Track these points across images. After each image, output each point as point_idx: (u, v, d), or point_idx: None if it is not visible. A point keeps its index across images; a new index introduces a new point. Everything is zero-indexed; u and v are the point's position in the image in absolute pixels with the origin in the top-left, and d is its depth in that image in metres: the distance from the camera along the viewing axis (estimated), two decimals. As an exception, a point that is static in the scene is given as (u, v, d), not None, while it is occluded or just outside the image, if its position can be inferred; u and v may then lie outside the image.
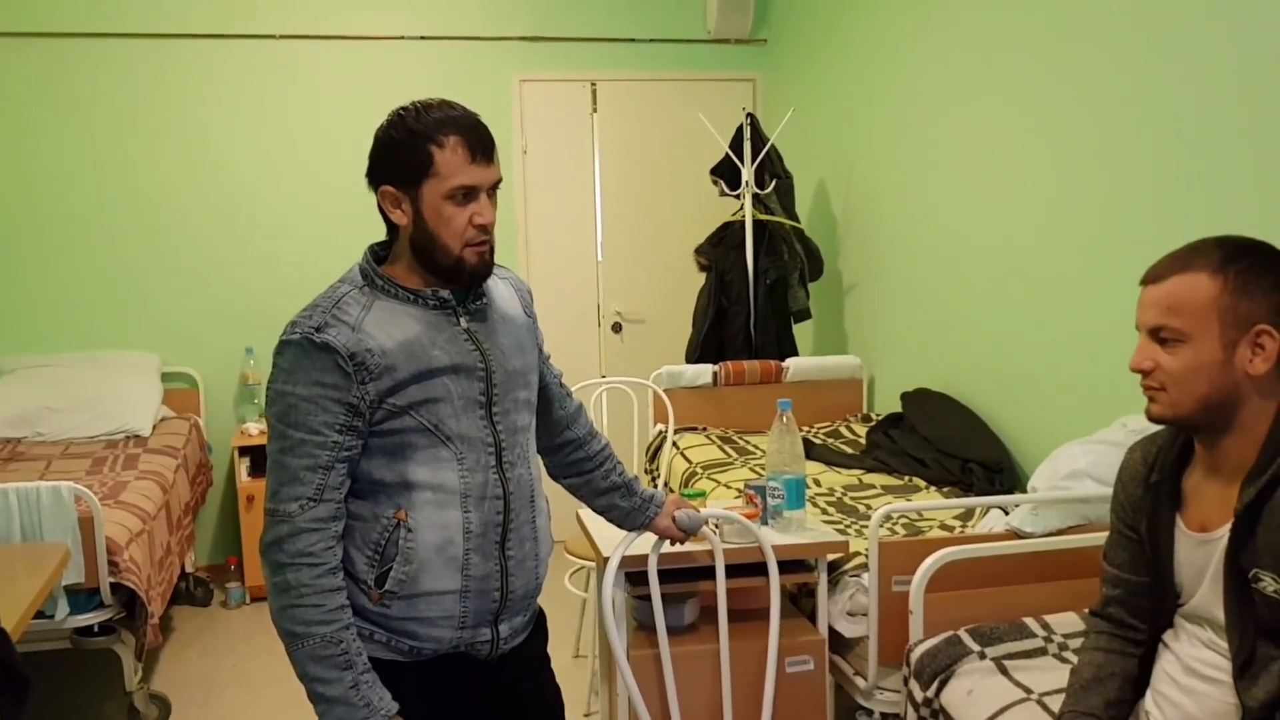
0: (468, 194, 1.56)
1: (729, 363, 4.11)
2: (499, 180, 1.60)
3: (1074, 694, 1.68)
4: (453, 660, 1.65)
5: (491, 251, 1.61)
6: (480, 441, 1.61)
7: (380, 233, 1.68)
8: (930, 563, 2.21)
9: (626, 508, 1.96)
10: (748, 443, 3.86)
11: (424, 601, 1.58)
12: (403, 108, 1.58)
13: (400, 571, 1.56)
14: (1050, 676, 2.01)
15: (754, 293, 4.33)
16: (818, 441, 3.79)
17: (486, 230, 1.58)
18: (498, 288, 1.73)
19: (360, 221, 4.83)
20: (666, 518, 1.99)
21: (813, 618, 2.44)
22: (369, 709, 1.52)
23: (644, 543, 2.11)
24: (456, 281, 1.61)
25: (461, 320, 1.62)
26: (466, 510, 1.59)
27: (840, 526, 2.80)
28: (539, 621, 1.82)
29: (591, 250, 5.19)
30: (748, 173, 4.29)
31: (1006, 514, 2.54)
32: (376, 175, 1.59)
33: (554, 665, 1.86)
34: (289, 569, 1.51)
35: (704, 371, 4.09)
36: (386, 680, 1.57)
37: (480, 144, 1.56)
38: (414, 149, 1.54)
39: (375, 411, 1.54)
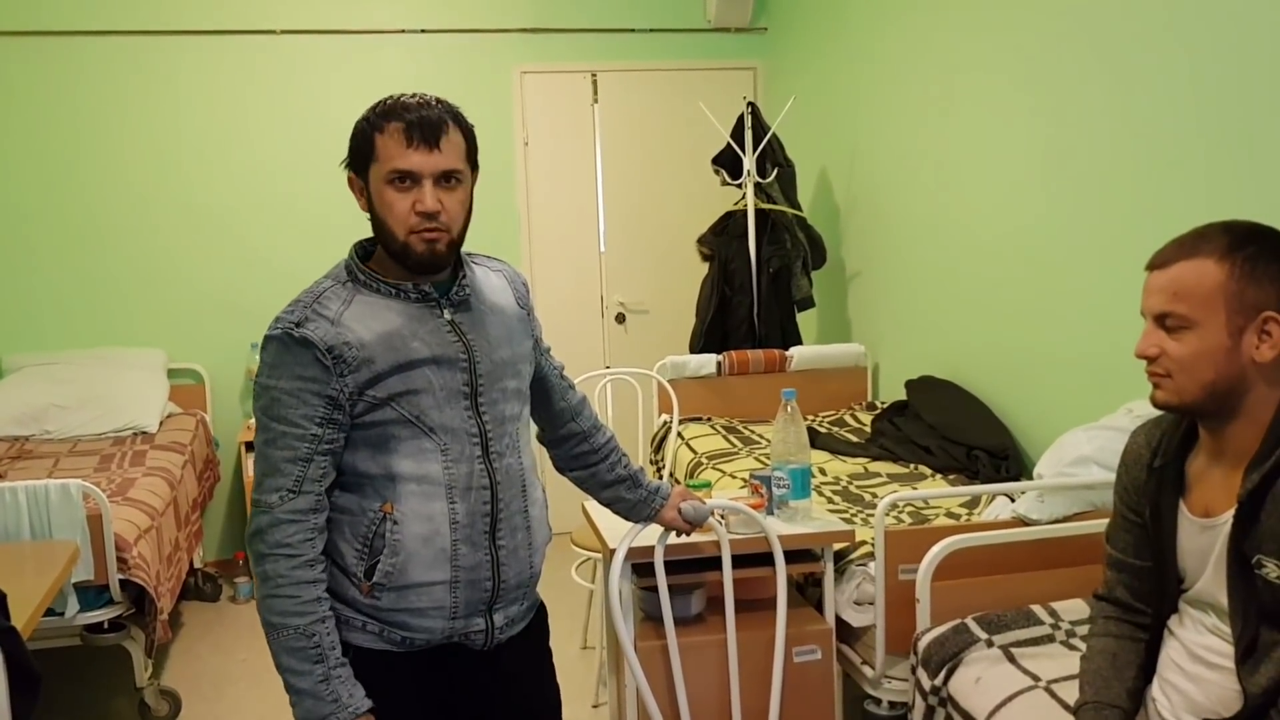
0: (406, 179, 1.55)
1: (733, 352, 4.11)
2: (448, 169, 1.57)
3: (1094, 684, 1.67)
4: (448, 651, 1.65)
5: (448, 243, 1.58)
6: (464, 432, 1.61)
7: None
8: (937, 551, 2.21)
9: (632, 500, 1.96)
10: (752, 432, 3.86)
11: (413, 593, 1.58)
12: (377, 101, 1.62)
13: (388, 563, 1.57)
14: (1058, 664, 2.01)
15: (757, 282, 4.33)
16: (823, 430, 3.79)
17: (431, 218, 1.55)
18: (488, 279, 1.73)
19: (364, 216, 4.83)
20: (672, 509, 1.99)
21: (819, 607, 2.45)
22: (337, 704, 1.52)
23: (650, 534, 2.11)
24: (408, 268, 1.60)
25: (445, 312, 1.63)
26: (452, 501, 1.59)
27: (846, 515, 2.80)
28: (539, 615, 1.81)
29: (594, 241, 5.19)
30: (749, 162, 4.28)
31: (1013, 501, 2.54)
32: (348, 163, 1.65)
33: (563, 657, 1.87)
34: (268, 559, 1.53)
35: (708, 361, 4.09)
36: (380, 670, 1.59)
37: (421, 130, 1.54)
38: (363, 136, 1.58)
39: (356, 404, 1.55)
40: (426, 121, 1.55)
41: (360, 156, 1.59)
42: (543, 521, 1.74)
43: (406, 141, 1.54)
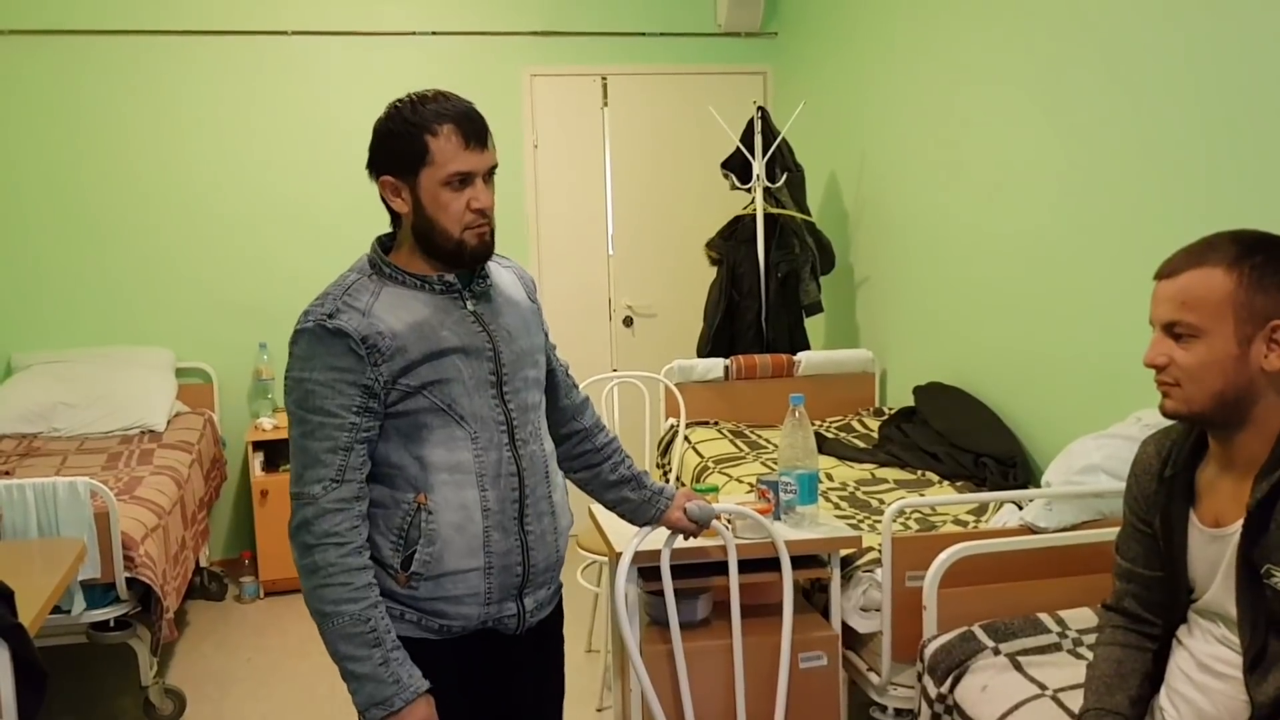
0: (464, 180, 1.60)
1: (740, 357, 4.10)
2: (495, 165, 1.64)
3: (1097, 691, 1.67)
4: (483, 637, 1.69)
5: (492, 233, 1.65)
6: (492, 420, 1.65)
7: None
8: (944, 558, 2.20)
9: (637, 500, 1.97)
10: (760, 437, 3.85)
11: (449, 580, 1.62)
12: (399, 100, 1.62)
13: (424, 553, 1.60)
14: (1065, 672, 2.00)
15: (765, 286, 4.32)
16: (830, 436, 3.78)
17: (484, 214, 1.62)
18: (500, 275, 1.77)
19: (373, 216, 4.81)
20: (677, 510, 2.00)
21: (826, 613, 2.44)
22: (398, 685, 1.55)
23: (656, 538, 2.11)
24: (458, 264, 1.65)
25: (468, 304, 1.67)
26: (483, 489, 1.63)
27: (853, 521, 2.80)
28: (559, 600, 1.87)
29: (602, 244, 5.19)
30: (759, 166, 4.28)
31: (1020, 509, 2.53)
32: (376, 166, 1.65)
33: (568, 660, 1.89)
34: (316, 550, 1.54)
35: (716, 365, 4.08)
36: (421, 658, 1.61)
37: (473, 131, 1.59)
38: (410, 139, 1.58)
39: (389, 392, 1.58)
40: (476, 121, 1.60)
41: (408, 159, 1.59)
42: (565, 507, 1.79)
43: (464, 143, 1.58)
